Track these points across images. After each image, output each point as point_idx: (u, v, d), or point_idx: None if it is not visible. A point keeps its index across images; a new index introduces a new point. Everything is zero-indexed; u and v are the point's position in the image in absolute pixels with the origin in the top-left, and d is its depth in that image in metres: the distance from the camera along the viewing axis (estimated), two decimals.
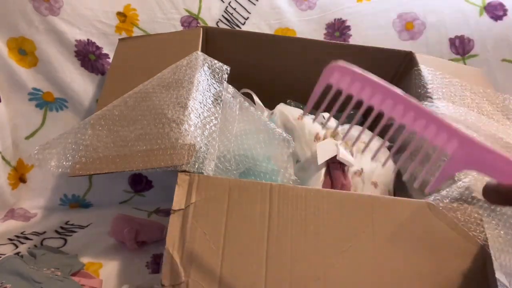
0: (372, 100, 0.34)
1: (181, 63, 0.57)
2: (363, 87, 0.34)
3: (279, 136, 0.54)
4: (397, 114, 0.34)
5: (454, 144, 0.33)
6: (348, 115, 0.35)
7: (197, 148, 0.47)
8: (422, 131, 0.33)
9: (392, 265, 0.42)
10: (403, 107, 0.33)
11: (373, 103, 0.34)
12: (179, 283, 0.40)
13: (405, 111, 0.33)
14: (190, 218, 0.43)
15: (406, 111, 0.33)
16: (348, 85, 0.34)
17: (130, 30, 0.76)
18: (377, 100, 0.34)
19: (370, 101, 0.34)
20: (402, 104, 0.33)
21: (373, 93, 0.33)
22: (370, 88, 0.33)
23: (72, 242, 0.67)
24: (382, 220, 0.44)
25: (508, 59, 0.79)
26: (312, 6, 0.80)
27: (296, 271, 0.42)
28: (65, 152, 0.50)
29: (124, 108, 0.53)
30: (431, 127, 0.33)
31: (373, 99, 0.34)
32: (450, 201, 0.45)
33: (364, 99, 0.34)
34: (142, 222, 0.67)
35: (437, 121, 0.33)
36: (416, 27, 0.79)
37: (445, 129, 0.33)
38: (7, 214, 0.74)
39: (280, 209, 0.44)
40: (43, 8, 0.72)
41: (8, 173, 0.74)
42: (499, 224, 0.44)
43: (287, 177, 0.55)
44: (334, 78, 0.34)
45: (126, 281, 0.60)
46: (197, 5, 0.77)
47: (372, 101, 0.34)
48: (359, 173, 0.59)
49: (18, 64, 0.73)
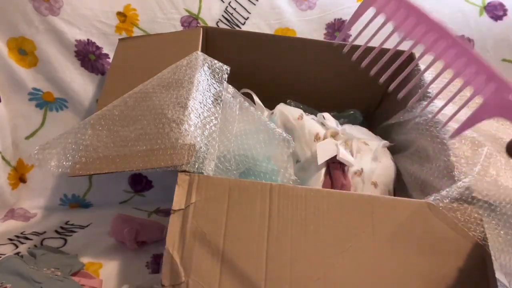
0: (415, 31, 0.32)
1: (181, 63, 0.57)
2: (408, 16, 0.31)
3: (279, 136, 0.54)
4: (438, 49, 0.31)
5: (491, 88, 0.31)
6: (348, 115, 0.35)
7: (197, 148, 0.47)
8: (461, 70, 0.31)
9: (392, 265, 0.42)
10: (446, 43, 0.31)
11: (415, 35, 0.32)
12: (179, 283, 0.40)
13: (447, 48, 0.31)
14: (190, 218, 0.43)
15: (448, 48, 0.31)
16: (393, 12, 0.32)
17: (130, 30, 0.76)
18: (419, 32, 0.31)
19: (413, 32, 0.32)
20: (445, 40, 0.31)
21: (417, 24, 0.31)
22: (414, 18, 0.31)
23: (72, 242, 0.67)
24: (382, 220, 0.44)
25: (508, 59, 0.79)
26: (312, 6, 0.80)
27: (296, 271, 0.42)
28: (65, 152, 0.50)
29: (124, 108, 0.53)
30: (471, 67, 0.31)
31: (415, 30, 0.32)
32: (450, 201, 0.45)
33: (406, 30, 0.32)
34: (142, 222, 0.67)
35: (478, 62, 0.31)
36: None
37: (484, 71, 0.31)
38: (7, 214, 0.74)
39: (280, 209, 0.44)
40: (43, 8, 0.72)
41: (8, 173, 0.74)
42: (499, 224, 0.44)
43: (287, 177, 0.55)
44: (379, 2, 0.32)
45: (126, 281, 0.60)
46: (197, 5, 0.77)
47: (414, 32, 0.32)
48: (359, 173, 0.59)
49: (18, 64, 0.73)
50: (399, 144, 0.64)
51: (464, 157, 0.50)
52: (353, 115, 0.73)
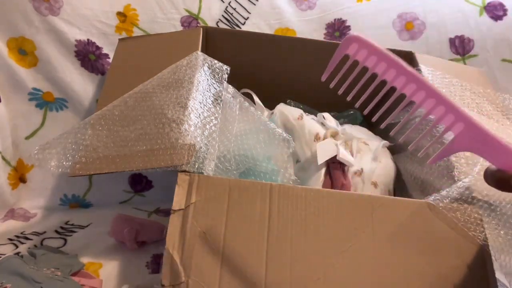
0: (386, 75, 0.35)
1: (181, 63, 0.57)
2: (379, 61, 0.35)
3: (279, 136, 0.54)
4: (409, 91, 0.35)
5: (460, 126, 0.34)
6: (348, 115, 0.36)
7: (197, 148, 0.47)
8: (431, 110, 0.35)
9: (392, 265, 0.42)
10: (415, 86, 0.34)
11: (387, 78, 0.35)
12: (179, 283, 0.40)
13: (416, 90, 0.35)
14: (190, 218, 0.43)
15: (417, 90, 0.35)
16: (365, 58, 0.35)
17: (130, 30, 0.76)
18: (390, 76, 0.35)
19: (384, 76, 0.35)
20: (414, 83, 0.34)
21: (388, 69, 0.35)
22: (385, 63, 0.35)
23: (72, 242, 0.67)
24: (382, 220, 0.44)
25: (508, 59, 0.79)
26: (312, 6, 0.80)
27: (296, 271, 0.42)
28: (65, 152, 0.50)
29: (124, 108, 0.53)
30: (439, 107, 0.34)
31: (387, 74, 0.35)
32: (450, 201, 0.45)
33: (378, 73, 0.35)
34: (142, 222, 0.67)
35: (446, 103, 0.34)
36: (416, 27, 0.80)
37: (453, 111, 0.34)
38: (7, 214, 0.74)
39: (280, 209, 0.44)
40: (43, 8, 0.72)
41: (8, 173, 0.74)
42: (499, 224, 0.44)
43: (287, 177, 0.55)
44: (352, 48, 0.35)
45: (126, 281, 0.60)
46: (197, 5, 0.77)
47: (385, 76, 0.35)
48: (359, 173, 0.59)
49: (18, 64, 0.73)
50: (399, 144, 0.64)
51: (464, 157, 0.50)
52: (353, 115, 0.73)
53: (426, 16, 0.79)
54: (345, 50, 0.35)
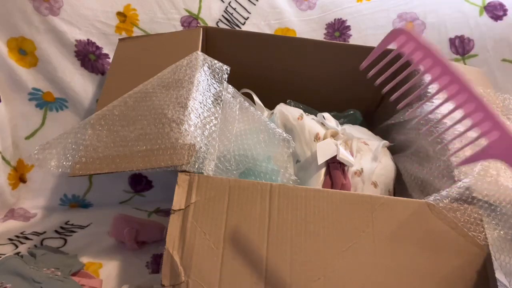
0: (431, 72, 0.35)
1: (181, 63, 0.57)
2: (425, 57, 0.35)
3: (279, 136, 0.54)
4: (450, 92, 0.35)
5: (495, 135, 0.34)
6: (348, 115, 0.36)
7: (197, 148, 0.47)
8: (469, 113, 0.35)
9: (392, 265, 0.42)
10: (458, 87, 0.34)
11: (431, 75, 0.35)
12: (179, 283, 0.40)
13: (458, 91, 0.35)
14: (190, 218, 0.43)
15: (459, 92, 0.35)
16: (411, 52, 0.35)
17: (130, 30, 0.76)
18: (435, 73, 0.35)
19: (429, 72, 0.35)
20: (457, 84, 0.34)
21: (433, 66, 0.35)
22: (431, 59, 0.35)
23: (72, 242, 0.67)
24: (382, 220, 0.44)
25: (508, 59, 0.79)
26: (312, 6, 0.80)
27: (296, 271, 0.42)
28: (65, 152, 0.50)
29: (124, 108, 0.53)
30: (478, 113, 0.34)
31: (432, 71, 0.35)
32: (450, 201, 0.45)
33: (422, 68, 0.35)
34: (142, 222, 0.67)
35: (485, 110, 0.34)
36: (416, 27, 0.79)
37: (491, 119, 0.34)
38: (7, 214, 0.74)
39: (280, 209, 0.44)
40: (43, 8, 0.72)
41: (8, 173, 0.74)
42: (499, 224, 0.44)
43: (287, 177, 0.55)
44: (399, 41, 0.35)
45: (126, 281, 0.60)
46: (197, 5, 0.77)
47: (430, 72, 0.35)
48: (359, 173, 0.59)
49: (18, 64, 0.73)
50: (399, 144, 0.65)
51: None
52: (353, 115, 0.73)
53: (426, 16, 0.79)
54: (392, 40, 0.35)
